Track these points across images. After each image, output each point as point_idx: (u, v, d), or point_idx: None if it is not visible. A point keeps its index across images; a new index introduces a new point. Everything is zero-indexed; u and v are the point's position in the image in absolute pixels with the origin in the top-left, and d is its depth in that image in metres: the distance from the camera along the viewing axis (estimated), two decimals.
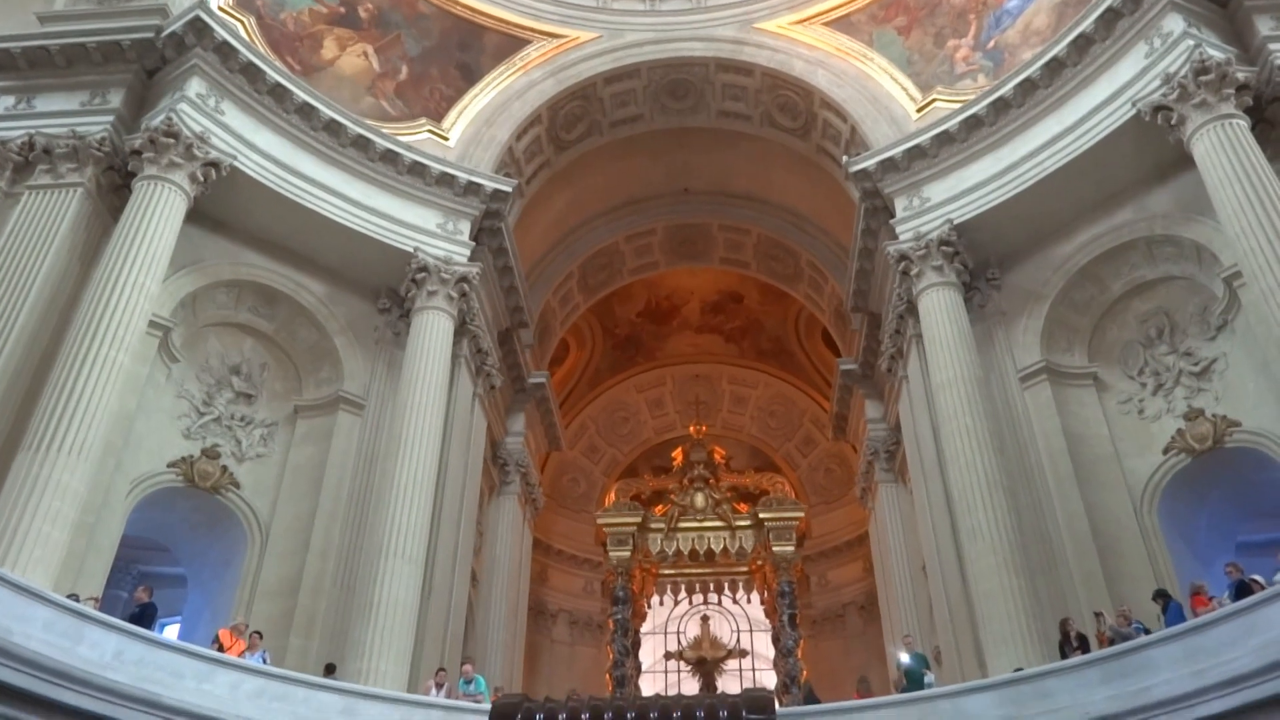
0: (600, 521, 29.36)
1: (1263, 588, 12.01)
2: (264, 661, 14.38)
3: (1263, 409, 16.77)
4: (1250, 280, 15.58)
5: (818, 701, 16.36)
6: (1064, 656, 13.96)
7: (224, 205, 19.44)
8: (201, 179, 18.34)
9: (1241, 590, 12.49)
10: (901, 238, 21.12)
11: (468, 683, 15.68)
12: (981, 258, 20.87)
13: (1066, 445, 18.51)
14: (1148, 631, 13.15)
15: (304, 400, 20.75)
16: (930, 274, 20.36)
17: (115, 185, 18.40)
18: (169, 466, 18.33)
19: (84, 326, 15.85)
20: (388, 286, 21.82)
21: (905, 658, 16.53)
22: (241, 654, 14.32)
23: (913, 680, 16.00)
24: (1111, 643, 13.21)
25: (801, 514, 28.85)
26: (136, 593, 15.09)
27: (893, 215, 21.80)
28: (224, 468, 18.94)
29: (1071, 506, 17.91)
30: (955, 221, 20.45)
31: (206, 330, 20.01)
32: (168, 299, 18.44)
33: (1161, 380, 18.59)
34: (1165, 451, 17.97)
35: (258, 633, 15.50)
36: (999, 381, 19.78)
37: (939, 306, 20.00)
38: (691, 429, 32.23)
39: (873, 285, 24.02)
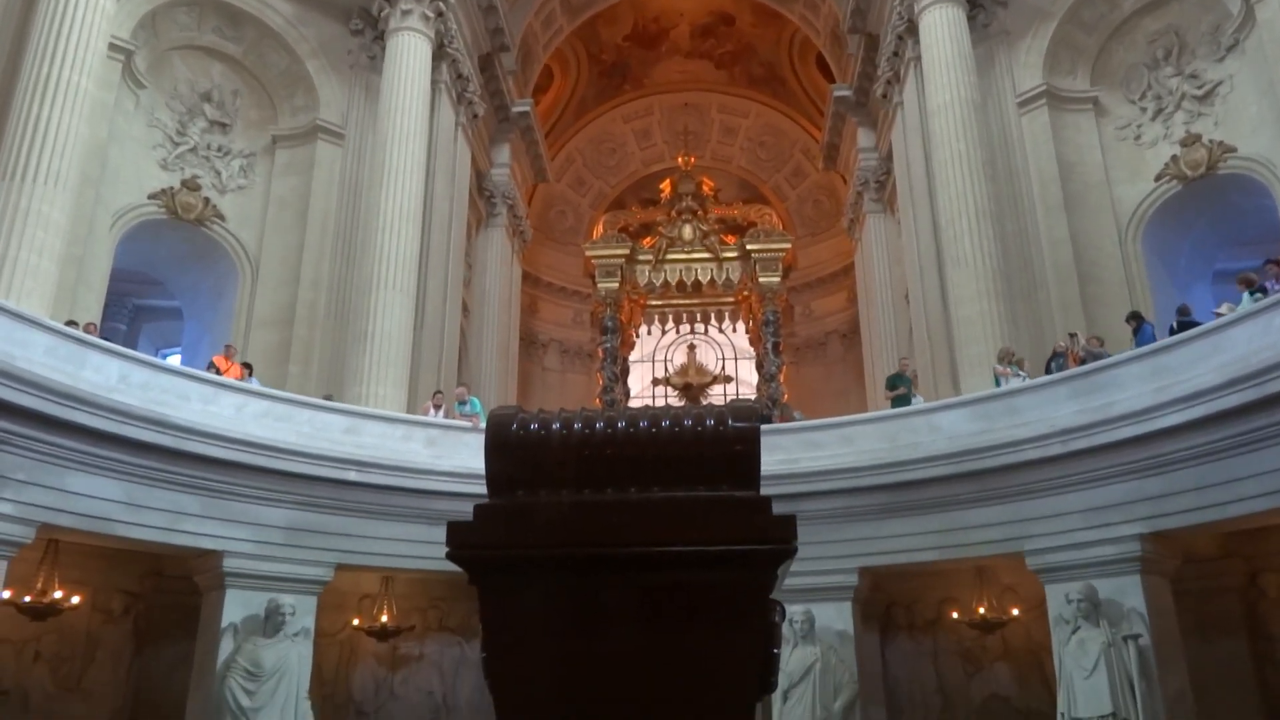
0: (588, 253, 29.46)
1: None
2: None
3: (1260, 134, 16.50)
4: None
5: None
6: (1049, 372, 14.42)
7: None
8: None
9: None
10: None
11: (463, 404, 16.31)
12: None
13: (1058, 172, 18.33)
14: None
15: (281, 129, 20.10)
16: None
17: None
18: (150, 198, 18.06)
19: (40, 49, 14.93)
20: (359, 6, 20.55)
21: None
22: (240, 377, 14.81)
23: (900, 401, 16.73)
24: (1083, 362, 13.71)
25: (788, 245, 28.97)
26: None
27: None
28: (206, 199, 18.69)
29: (1057, 234, 18.01)
30: None
31: (171, 54, 19.01)
32: (125, 19, 17.37)
33: (1163, 104, 18.13)
34: (1157, 179, 17.85)
35: (247, 364, 15.97)
36: (996, 106, 19.24)
37: (941, 24, 19.02)
38: (680, 160, 31.60)
39: (872, 3, 22.71)
